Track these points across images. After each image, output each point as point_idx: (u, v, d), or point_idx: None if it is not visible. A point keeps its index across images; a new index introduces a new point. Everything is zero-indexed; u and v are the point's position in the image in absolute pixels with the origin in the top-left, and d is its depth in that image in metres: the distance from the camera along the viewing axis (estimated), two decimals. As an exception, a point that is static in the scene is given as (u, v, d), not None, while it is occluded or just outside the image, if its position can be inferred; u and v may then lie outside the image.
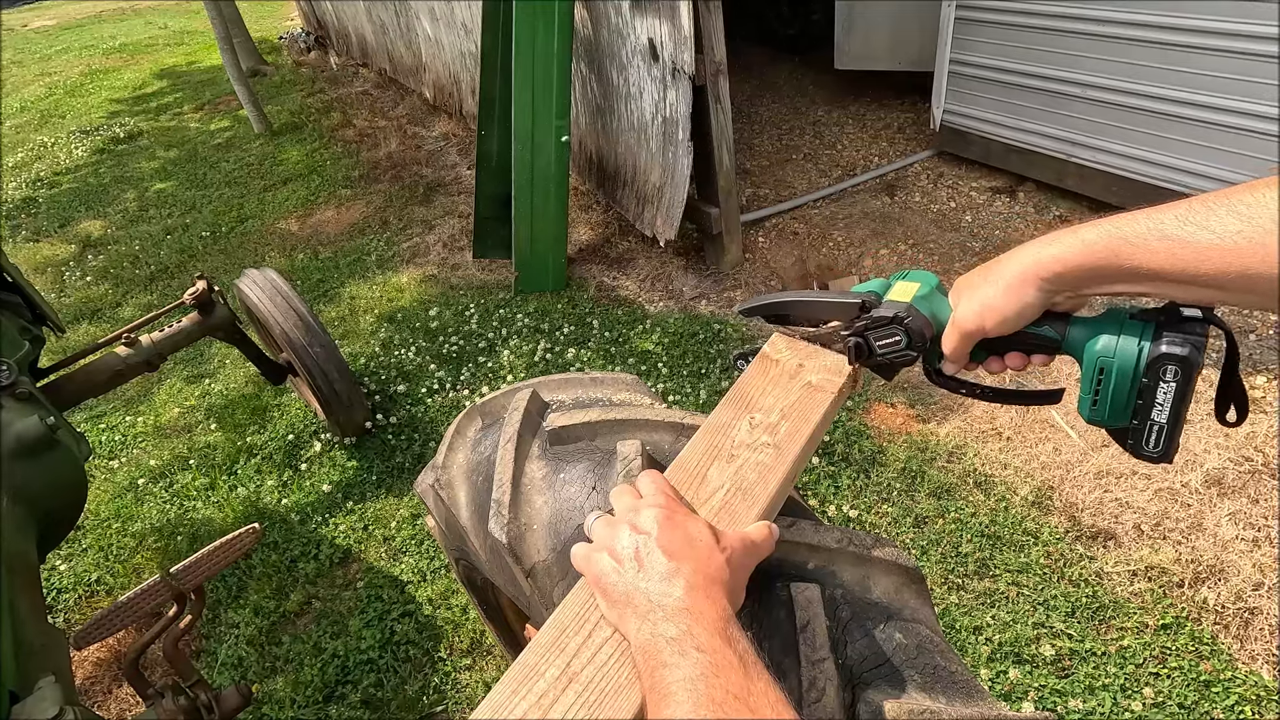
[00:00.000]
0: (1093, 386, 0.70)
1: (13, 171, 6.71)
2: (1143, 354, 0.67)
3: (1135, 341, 0.67)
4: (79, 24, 14.79)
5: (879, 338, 0.80)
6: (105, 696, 2.23)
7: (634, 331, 3.37)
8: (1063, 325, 0.72)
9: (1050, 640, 1.97)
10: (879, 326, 0.79)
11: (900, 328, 0.78)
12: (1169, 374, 0.66)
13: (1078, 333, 0.71)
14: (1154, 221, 0.59)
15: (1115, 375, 0.69)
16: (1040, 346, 0.75)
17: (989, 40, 3.86)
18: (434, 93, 6.26)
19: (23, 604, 1.36)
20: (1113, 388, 0.69)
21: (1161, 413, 0.68)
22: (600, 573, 0.65)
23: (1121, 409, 0.70)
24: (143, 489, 2.94)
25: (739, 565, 0.66)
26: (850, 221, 4.00)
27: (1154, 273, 0.60)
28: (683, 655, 0.55)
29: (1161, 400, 0.67)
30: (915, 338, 0.77)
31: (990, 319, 0.71)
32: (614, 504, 0.72)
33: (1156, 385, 0.67)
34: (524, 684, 0.63)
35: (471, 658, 2.14)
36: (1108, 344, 0.68)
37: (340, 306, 3.95)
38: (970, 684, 0.77)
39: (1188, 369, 0.65)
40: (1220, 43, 2.97)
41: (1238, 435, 2.50)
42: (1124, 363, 0.68)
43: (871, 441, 2.64)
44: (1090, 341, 0.70)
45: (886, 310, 0.78)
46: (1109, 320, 0.70)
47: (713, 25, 3.08)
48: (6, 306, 2.18)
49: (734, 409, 0.86)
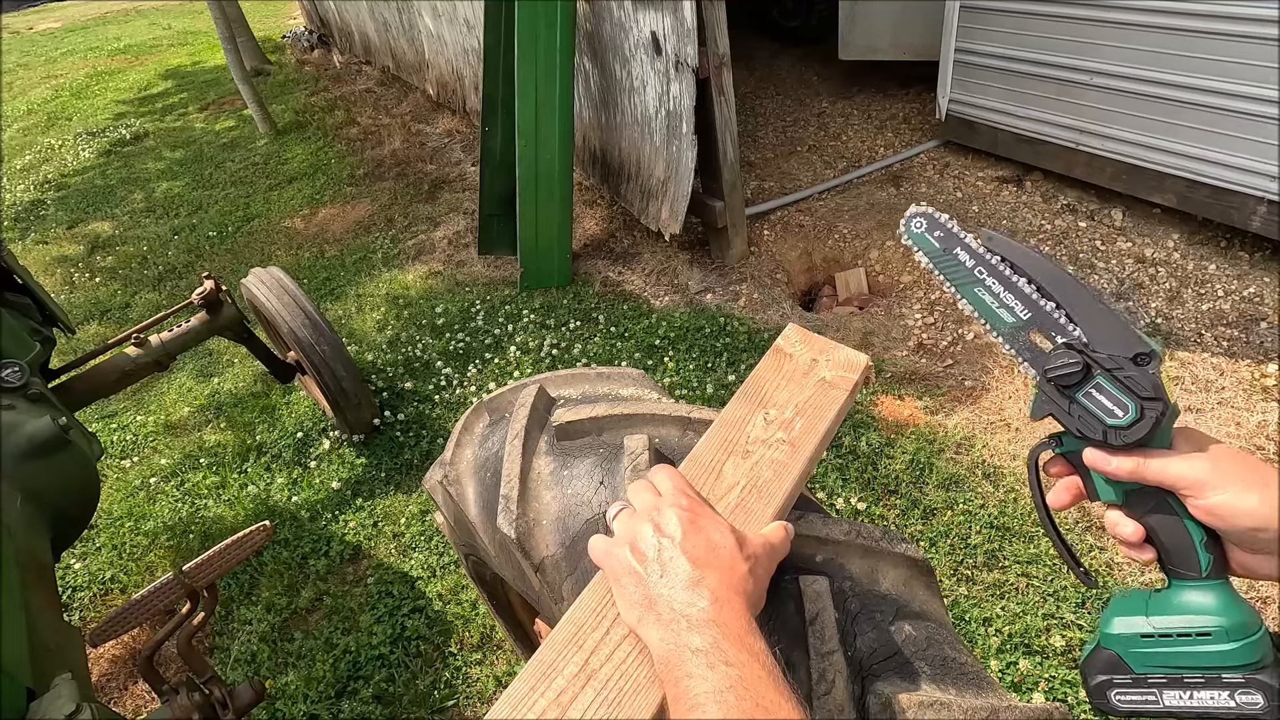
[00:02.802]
0: (1171, 626, 0.61)
1: (20, 174, 6.75)
2: (1252, 666, 0.58)
3: (1259, 653, 0.58)
4: (84, 25, 14.84)
5: (1107, 390, 0.62)
6: (121, 693, 2.25)
7: (640, 326, 3.37)
8: (1217, 569, 0.61)
9: (1060, 631, 1.97)
10: (1124, 385, 0.61)
11: (1139, 408, 0.61)
12: (1245, 698, 0.58)
13: (1219, 591, 0.61)
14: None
15: (1211, 650, 0.59)
16: (1173, 549, 0.62)
17: (994, 28, 3.83)
18: (437, 90, 6.25)
19: (38, 602, 1.38)
20: (1186, 649, 0.60)
21: (1175, 702, 0.61)
22: (620, 571, 0.64)
23: (1156, 662, 0.62)
24: (155, 488, 2.96)
25: (761, 574, 0.65)
26: (856, 213, 3.99)
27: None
28: (711, 668, 0.55)
29: (1197, 696, 0.60)
30: (1142, 430, 0.61)
31: (1216, 503, 0.59)
32: (632, 500, 0.70)
33: (1218, 689, 0.59)
34: (542, 681, 0.63)
35: (482, 652, 2.15)
36: (1242, 625, 0.59)
37: (347, 304, 3.96)
38: (980, 675, 0.77)
39: (1257, 713, 0.57)
40: (1228, 27, 2.94)
41: (1248, 424, 2.48)
42: (1233, 654, 0.59)
43: (879, 434, 2.63)
44: (1223, 609, 0.60)
45: (1155, 386, 0.60)
46: (1251, 613, 0.60)
47: (715, 17, 3.06)
48: (17, 308, 2.20)
49: (748, 404, 0.85)
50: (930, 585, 0.85)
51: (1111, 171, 3.60)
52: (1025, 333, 0.66)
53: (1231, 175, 3.14)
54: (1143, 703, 0.62)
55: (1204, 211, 3.32)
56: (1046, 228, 3.64)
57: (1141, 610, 0.63)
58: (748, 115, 5.33)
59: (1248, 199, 3.12)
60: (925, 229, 0.72)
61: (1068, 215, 3.70)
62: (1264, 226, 3.10)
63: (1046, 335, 0.65)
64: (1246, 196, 3.12)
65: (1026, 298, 0.66)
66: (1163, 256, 3.33)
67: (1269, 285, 3.06)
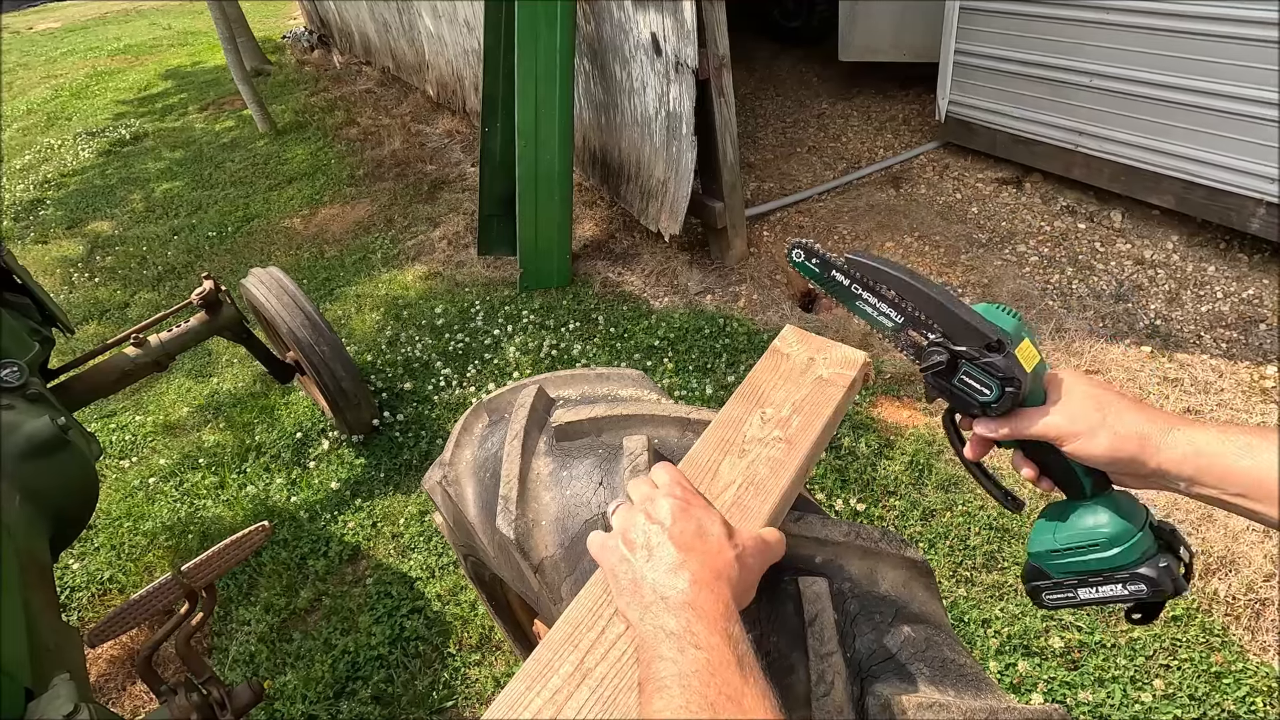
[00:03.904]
0: (1074, 545, 0.74)
1: (20, 174, 6.75)
2: (1138, 562, 0.71)
3: (1142, 549, 0.72)
4: (84, 25, 14.83)
5: (972, 375, 0.72)
6: (119, 694, 2.25)
7: (639, 327, 3.37)
8: (1101, 486, 0.74)
9: (1059, 632, 1.97)
10: (984, 370, 0.72)
11: (1000, 387, 0.71)
12: (1134, 586, 0.71)
13: (1105, 505, 0.74)
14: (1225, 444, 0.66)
15: (1104, 557, 0.72)
16: (1064, 481, 0.76)
17: (994, 30, 3.84)
18: (437, 90, 6.26)
19: (36, 602, 1.37)
20: (1089, 560, 0.73)
21: (1090, 596, 0.74)
22: (613, 560, 0.66)
23: (1069, 572, 0.75)
24: (153, 488, 2.96)
25: (750, 564, 0.65)
26: (855, 214, 3.99)
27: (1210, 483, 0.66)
28: (681, 652, 0.55)
29: (1103, 592, 0.73)
30: (1003, 404, 0.72)
31: (1085, 448, 0.71)
32: (630, 494, 0.72)
33: (1115, 584, 0.72)
34: (538, 680, 0.63)
35: (480, 653, 2.15)
36: (1122, 535, 0.72)
37: (346, 305, 3.96)
38: (979, 677, 0.77)
39: (1150, 597, 0.71)
40: (1225, 29, 2.94)
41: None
42: (1120, 557, 0.72)
43: (878, 435, 2.63)
44: (1109, 520, 0.73)
45: (1006, 368, 0.71)
46: (1133, 513, 0.73)
47: (715, 18, 3.06)
48: (16, 308, 2.19)
49: (745, 404, 0.86)
50: (929, 587, 0.85)
51: (1110, 173, 3.60)
52: (904, 333, 0.77)
53: (1230, 177, 3.14)
54: (1064, 599, 0.76)
55: (1202, 213, 3.32)
56: (1046, 229, 3.64)
57: (1051, 530, 0.77)
58: (747, 116, 5.33)
59: (1246, 201, 3.12)
60: (804, 258, 0.82)
61: (1067, 217, 3.71)
62: (1263, 228, 3.11)
63: (920, 334, 0.75)
64: (1245, 198, 3.12)
65: (895, 305, 0.77)
66: (1162, 258, 3.33)
67: (1268, 287, 3.07)
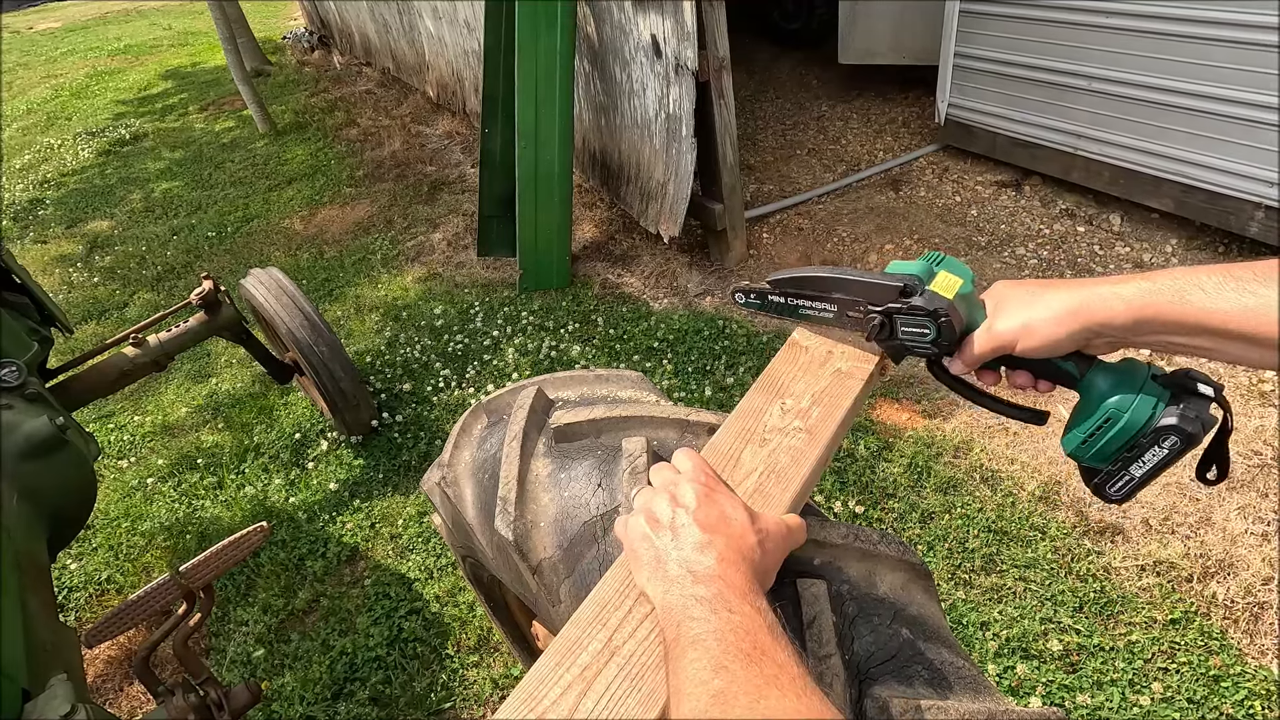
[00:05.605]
0: (1092, 429, 0.73)
1: (20, 173, 6.75)
2: (1154, 418, 0.70)
3: (1151, 405, 0.70)
4: (84, 25, 14.84)
5: (907, 324, 0.78)
6: (117, 694, 2.24)
7: (638, 328, 3.37)
8: (1084, 365, 0.74)
9: (1058, 635, 1.97)
10: (912, 314, 0.77)
11: (933, 323, 0.76)
12: (1167, 442, 0.69)
13: (1098, 379, 0.73)
14: (1192, 283, 0.64)
15: (1119, 428, 0.71)
16: (1053, 376, 0.76)
17: (994, 33, 3.84)
18: (437, 91, 6.26)
19: (34, 603, 1.37)
20: (1110, 437, 0.72)
21: (1141, 469, 0.72)
22: (635, 537, 0.67)
23: (1109, 456, 0.74)
24: (151, 488, 2.96)
25: (772, 549, 0.66)
26: (855, 217, 3.99)
27: (1192, 328, 0.64)
28: (713, 612, 0.56)
29: (1148, 460, 0.71)
30: (945, 335, 0.76)
31: (1028, 341, 0.72)
32: (653, 479, 0.73)
33: (1151, 446, 0.71)
34: (568, 656, 0.64)
35: (479, 654, 2.15)
36: (1124, 400, 0.71)
37: (345, 305, 3.96)
38: (977, 679, 0.77)
39: (1186, 444, 0.69)
40: (1225, 33, 2.95)
41: (1246, 429, 2.49)
42: (1133, 421, 0.70)
43: (877, 437, 2.63)
44: (1108, 391, 0.72)
45: (927, 302, 0.76)
46: (1129, 376, 0.72)
47: (715, 20, 3.07)
48: (15, 307, 2.19)
49: (765, 395, 0.87)
50: (928, 589, 0.85)
51: (1109, 176, 3.61)
52: (843, 317, 0.85)
53: (1229, 180, 3.15)
54: (1125, 483, 0.74)
55: (1202, 217, 3.33)
56: (1045, 232, 3.65)
57: (1073, 427, 0.77)
58: (747, 118, 5.34)
59: (1245, 204, 3.12)
60: (745, 299, 0.94)
61: (1066, 220, 3.71)
62: (1262, 232, 3.11)
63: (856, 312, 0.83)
64: (1244, 202, 3.12)
65: (823, 299, 0.86)
66: (1161, 261, 3.34)
67: (1267, 290, 3.07)
